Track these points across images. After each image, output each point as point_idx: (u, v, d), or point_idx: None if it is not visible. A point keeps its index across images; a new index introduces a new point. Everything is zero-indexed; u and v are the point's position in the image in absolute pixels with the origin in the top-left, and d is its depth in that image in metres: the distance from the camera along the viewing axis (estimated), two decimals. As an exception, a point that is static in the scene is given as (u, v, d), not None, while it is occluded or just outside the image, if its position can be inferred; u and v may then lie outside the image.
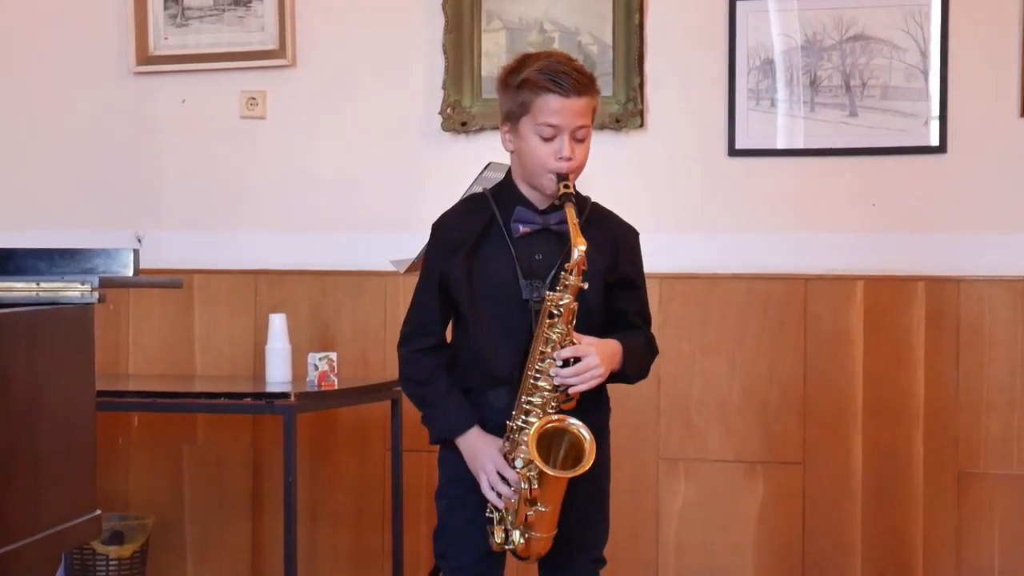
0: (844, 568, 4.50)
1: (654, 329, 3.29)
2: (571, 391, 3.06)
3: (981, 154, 4.43)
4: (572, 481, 3.12)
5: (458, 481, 3.18)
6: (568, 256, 3.03)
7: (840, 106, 4.50)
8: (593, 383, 3.07)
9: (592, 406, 3.17)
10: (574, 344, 3.06)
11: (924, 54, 4.44)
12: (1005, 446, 4.41)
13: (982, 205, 4.44)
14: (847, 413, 4.49)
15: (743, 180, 4.58)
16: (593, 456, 3.03)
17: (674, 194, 4.62)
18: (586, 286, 3.05)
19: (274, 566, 4.79)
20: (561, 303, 3.05)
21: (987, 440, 4.42)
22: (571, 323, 3.06)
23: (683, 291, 4.59)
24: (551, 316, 3.06)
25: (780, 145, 4.55)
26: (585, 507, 3.21)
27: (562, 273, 3.05)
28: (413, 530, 4.68)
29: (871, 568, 4.49)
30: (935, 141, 4.44)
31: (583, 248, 3.02)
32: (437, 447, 3.29)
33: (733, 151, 4.57)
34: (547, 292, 3.06)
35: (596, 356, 3.06)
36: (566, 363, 3.05)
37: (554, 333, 3.06)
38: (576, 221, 3.04)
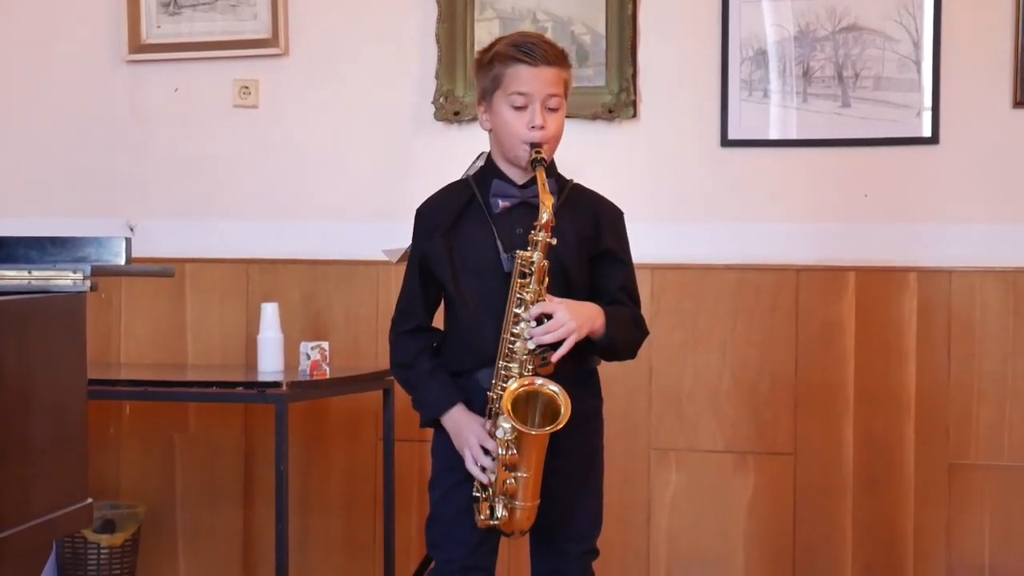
0: (834, 558, 4.51)
1: (646, 317, 3.29)
2: (536, 341, 3.04)
3: (973, 145, 4.44)
4: (566, 470, 3.12)
5: (452, 471, 3.18)
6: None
7: (833, 97, 4.50)
8: (569, 341, 3.05)
9: (585, 392, 3.17)
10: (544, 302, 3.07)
11: (917, 45, 4.44)
12: (996, 437, 4.42)
13: (974, 196, 4.44)
14: (838, 404, 4.50)
15: (735, 170, 4.58)
16: (569, 411, 3.01)
17: (667, 184, 4.62)
18: (554, 242, 3.06)
19: (265, 555, 4.79)
20: (531, 260, 3.05)
21: (978, 431, 4.43)
22: (543, 283, 3.06)
23: (675, 281, 4.59)
24: (523, 276, 3.06)
25: (773, 136, 4.55)
26: (578, 498, 3.22)
27: (531, 232, 3.06)
28: (404, 519, 4.69)
29: (861, 558, 4.49)
30: (927, 132, 4.44)
31: (550, 203, 3.03)
32: (429, 438, 3.29)
33: (726, 141, 4.57)
34: (517, 251, 3.06)
35: (566, 312, 3.06)
36: (540, 323, 3.05)
37: (526, 293, 3.06)
38: (545, 182, 3.06)
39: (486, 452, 3.09)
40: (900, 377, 4.46)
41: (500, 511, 3.09)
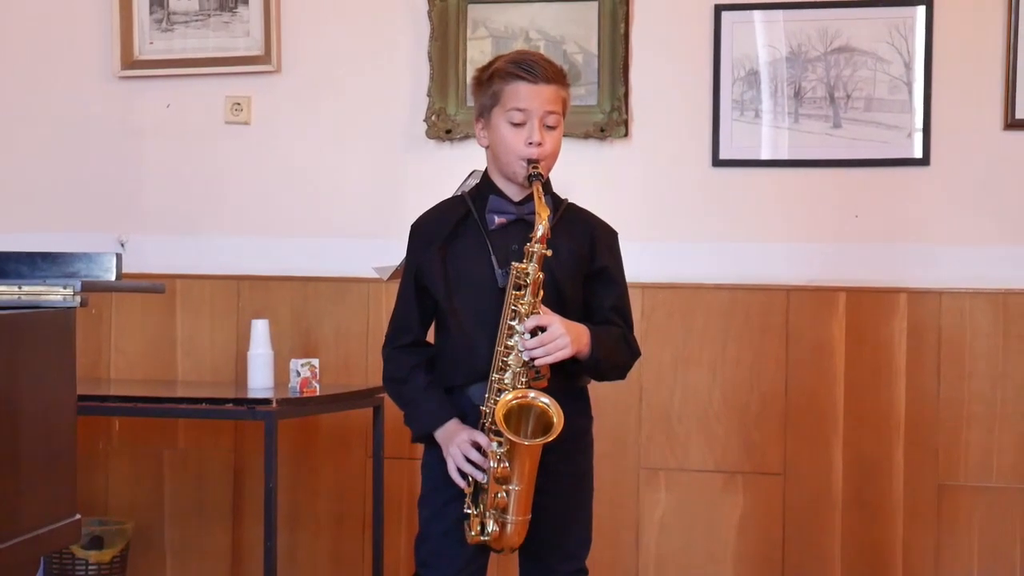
0: (824, 579, 4.51)
1: (636, 337, 3.28)
2: (537, 362, 3.05)
3: (964, 166, 4.45)
4: (555, 489, 3.12)
5: (442, 488, 3.18)
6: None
7: (824, 117, 4.51)
8: (559, 354, 3.05)
9: (575, 411, 3.16)
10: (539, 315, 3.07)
11: (908, 66, 4.45)
12: (985, 458, 4.42)
13: (964, 217, 4.45)
14: (828, 424, 4.50)
15: (727, 190, 4.59)
16: (561, 422, 3.01)
17: (658, 204, 4.63)
18: (550, 253, 3.05)
19: (254, 572, 4.78)
20: (527, 272, 3.05)
21: (967, 452, 4.43)
22: (538, 295, 3.06)
23: (665, 301, 4.59)
24: (517, 288, 3.06)
25: (764, 156, 4.56)
26: (567, 516, 3.21)
27: (527, 244, 3.06)
28: (393, 537, 4.68)
29: (851, 579, 4.50)
30: (918, 153, 4.45)
31: (546, 215, 3.04)
32: (418, 455, 3.29)
33: (717, 161, 4.58)
34: (513, 263, 3.07)
35: (560, 325, 3.06)
36: (534, 335, 3.05)
37: (521, 305, 3.06)
38: (541, 195, 3.06)
39: (479, 450, 3.08)
40: (890, 398, 4.47)
41: (491, 526, 3.09)
